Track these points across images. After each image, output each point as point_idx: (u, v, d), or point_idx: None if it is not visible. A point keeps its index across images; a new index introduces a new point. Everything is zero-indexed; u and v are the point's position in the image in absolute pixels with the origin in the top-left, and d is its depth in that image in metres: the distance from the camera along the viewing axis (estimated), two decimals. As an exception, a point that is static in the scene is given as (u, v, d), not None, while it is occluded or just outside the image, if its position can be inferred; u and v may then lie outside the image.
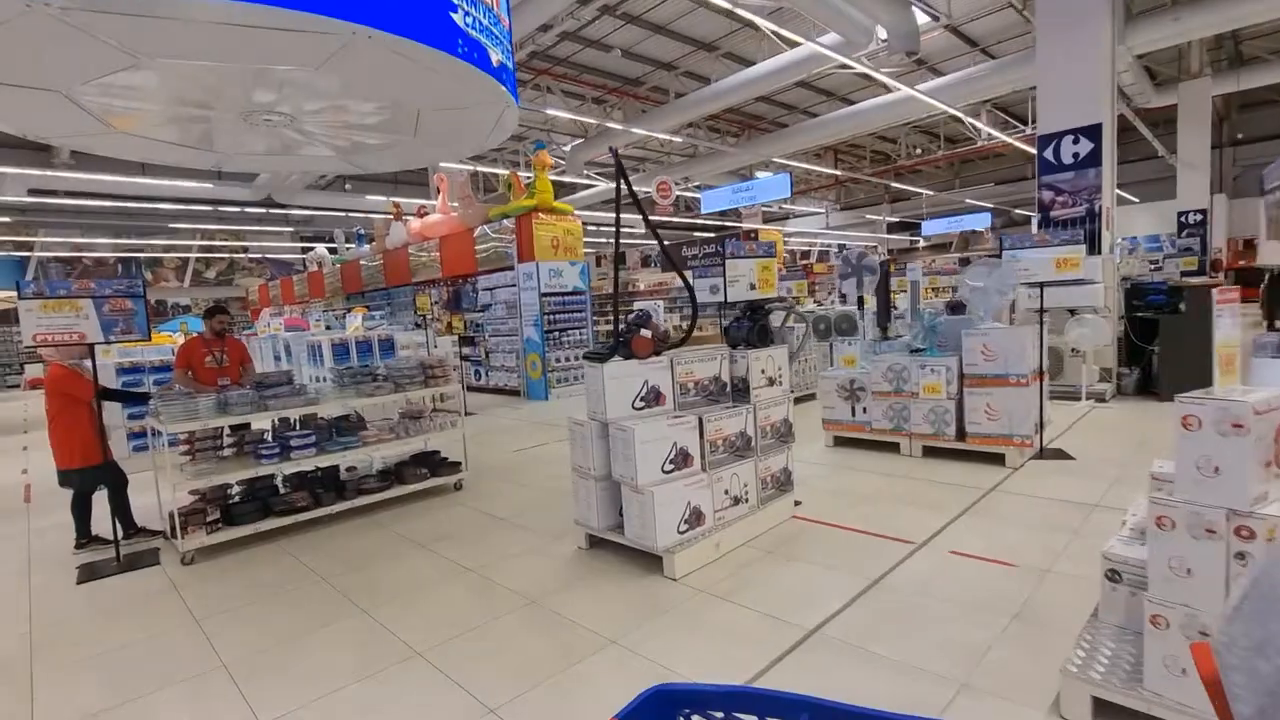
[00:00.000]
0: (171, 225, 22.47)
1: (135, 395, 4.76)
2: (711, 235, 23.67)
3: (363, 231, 17.15)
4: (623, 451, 3.69)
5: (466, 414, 8.62)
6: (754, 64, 12.61)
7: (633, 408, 3.81)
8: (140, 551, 4.54)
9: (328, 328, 10.97)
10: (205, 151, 5.96)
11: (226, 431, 5.09)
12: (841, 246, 27.94)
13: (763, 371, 4.23)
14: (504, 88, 4.37)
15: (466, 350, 12.43)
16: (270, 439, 4.79)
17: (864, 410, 6.09)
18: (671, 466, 3.75)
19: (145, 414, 5.18)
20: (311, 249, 20.25)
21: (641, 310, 5.36)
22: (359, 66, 3.88)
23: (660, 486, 3.61)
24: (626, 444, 3.64)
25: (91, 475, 4.54)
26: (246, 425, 4.99)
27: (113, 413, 6.68)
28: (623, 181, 3.99)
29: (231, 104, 4.72)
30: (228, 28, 3.25)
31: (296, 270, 27.99)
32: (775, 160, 19.17)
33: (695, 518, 3.76)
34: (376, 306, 14.58)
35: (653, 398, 3.89)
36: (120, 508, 4.63)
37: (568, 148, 18.14)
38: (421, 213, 13.61)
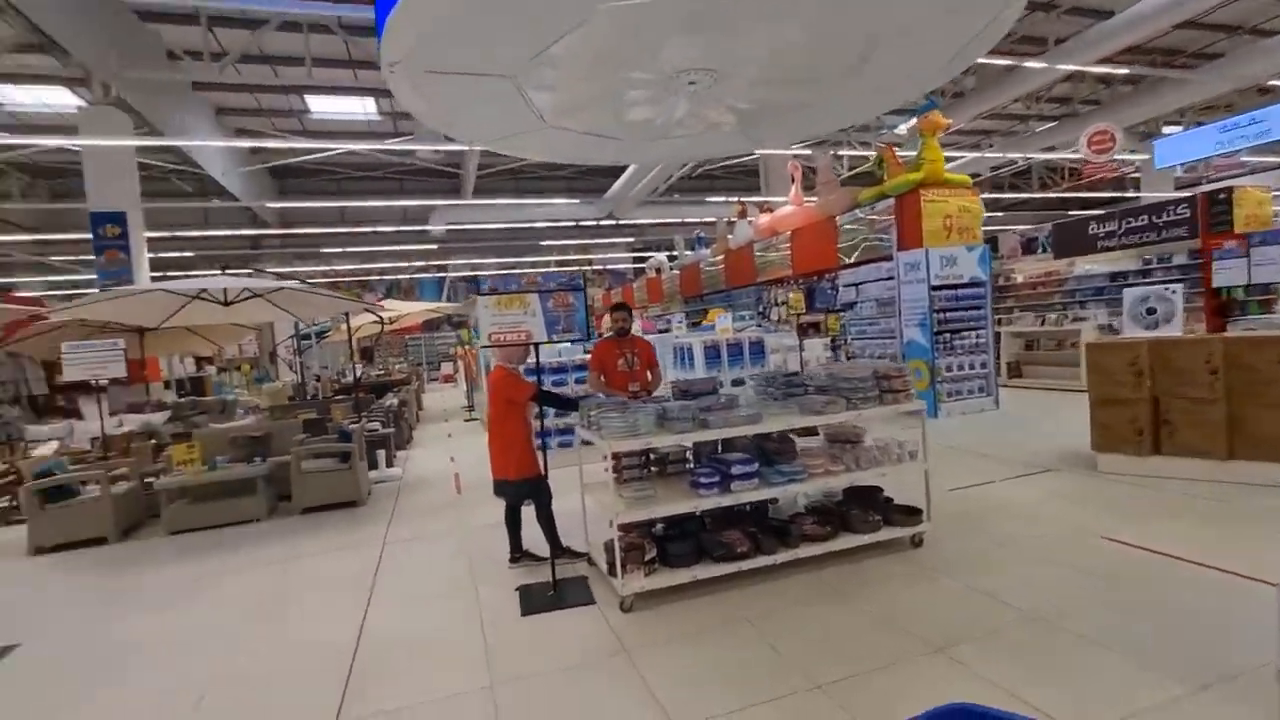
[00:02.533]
0: (542, 242, 25.83)
1: (567, 401, 4.24)
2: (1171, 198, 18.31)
3: (702, 235, 17.13)
4: None
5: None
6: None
7: None
8: (570, 580, 4.05)
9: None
10: (609, 141, 5.55)
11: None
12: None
13: None
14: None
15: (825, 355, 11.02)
16: (703, 463, 3.92)
17: None
18: None
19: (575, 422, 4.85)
20: (647, 257, 21.23)
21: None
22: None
23: None
24: None
25: (526, 488, 4.21)
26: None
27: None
28: None
29: (664, 63, 3.99)
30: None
31: (629, 279, 30.43)
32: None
33: None
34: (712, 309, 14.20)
35: None
36: (548, 526, 4.22)
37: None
38: (767, 209, 12.70)
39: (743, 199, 14.77)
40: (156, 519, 6.61)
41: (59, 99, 12.98)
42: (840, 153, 17.32)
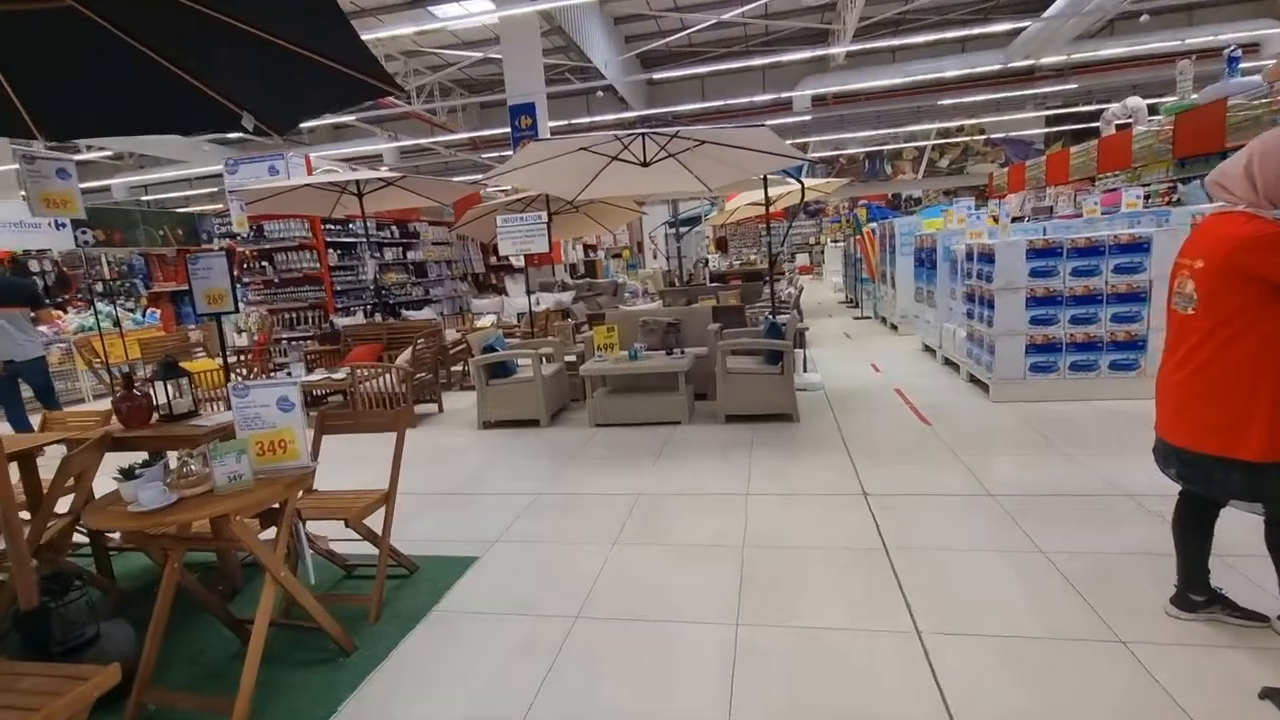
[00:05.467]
0: (938, 103, 21.07)
1: None
2: None
3: (1235, 55, 11.23)
4: None
5: None
6: None
7: None
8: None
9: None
10: None
11: None
12: None
13: None
14: None
15: None
16: None
17: None
18: None
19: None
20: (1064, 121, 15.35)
21: None
22: None
23: None
24: None
25: (1272, 479, 1.99)
26: None
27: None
28: None
29: None
30: None
31: (1036, 150, 23.68)
32: None
33: None
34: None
35: None
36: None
37: None
38: None
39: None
40: (576, 403, 6.34)
41: (480, 5, 14.08)
42: None
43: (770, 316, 5.71)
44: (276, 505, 2.13)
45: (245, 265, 9.14)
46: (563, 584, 2.86)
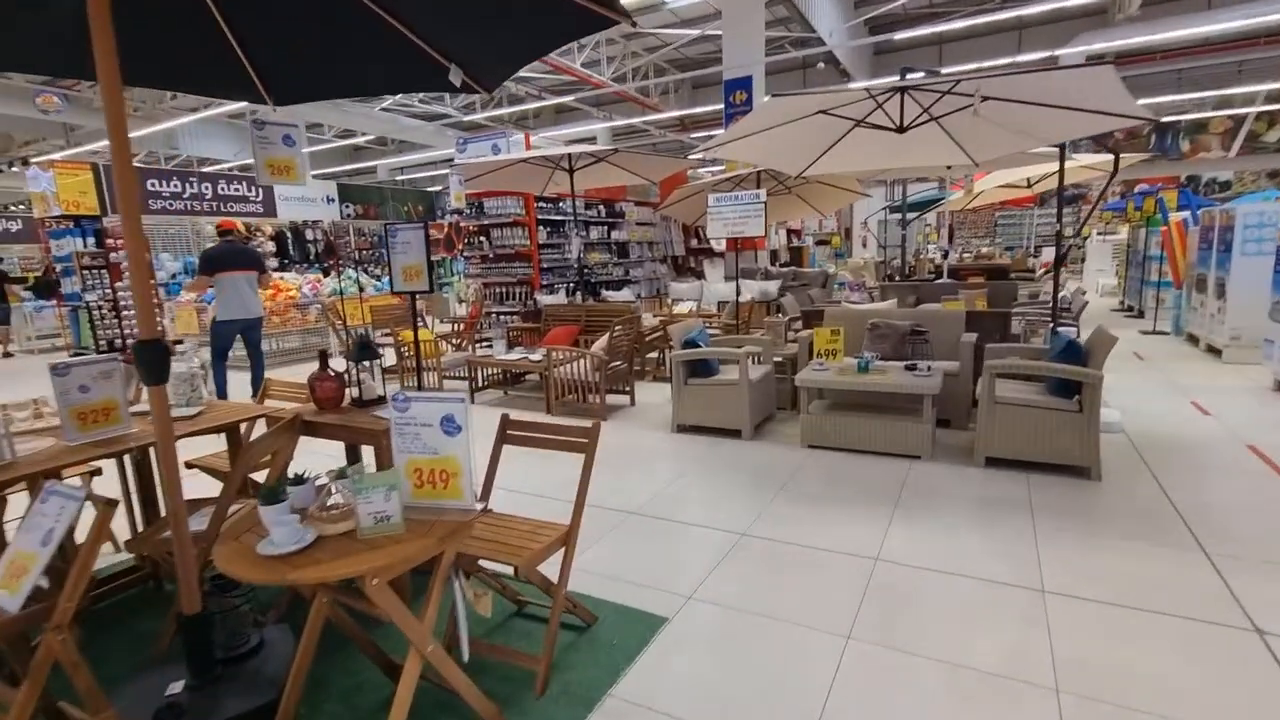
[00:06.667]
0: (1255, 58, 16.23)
1: None
2: None
3: None
4: None
5: None
6: None
7: None
8: None
9: None
10: None
11: None
12: None
13: None
14: None
15: None
16: None
17: None
18: None
19: None
20: None
21: None
22: None
23: None
24: None
25: None
26: None
27: None
28: None
29: None
30: None
31: None
32: None
33: None
34: None
35: None
36: None
37: None
38: None
39: None
40: (783, 412, 5.48)
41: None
42: None
43: (1056, 330, 4.31)
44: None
45: (467, 240, 9.58)
46: (782, 691, 2.09)
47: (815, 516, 3.40)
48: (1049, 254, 21.90)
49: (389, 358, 7.42)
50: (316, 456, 3.14)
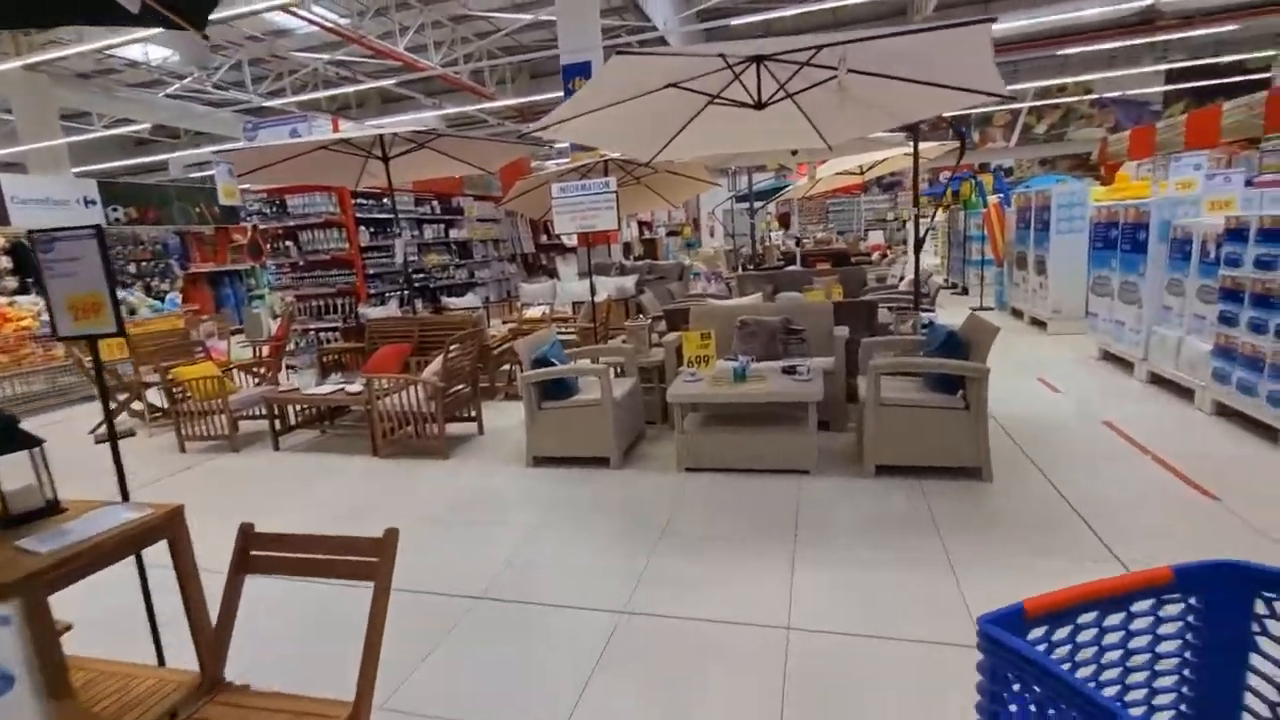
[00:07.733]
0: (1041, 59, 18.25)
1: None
2: None
3: None
4: None
5: None
6: None
7: None
8: None
9: None
10: None
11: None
12: None
13: None
14: None
15: None
16: None
17: None
18: None
19: None
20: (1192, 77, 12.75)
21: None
22: None
23: None
24: None
25: None
26: None
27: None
28: None
29: None
30: None
31: (1153, 112, 20.85)
32: None
33: None
34: None
35: None
36: None
37: None
38: None
39: None
40: (652, 427, 4.89)
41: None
42: None
43: (930, 319, 4.09)
44: None
45: (272, 245, 7.99)
46: None
47: (707, 572, 2.79)
48: (875, 237, 23.71)
49: (154, 398, 5.81)
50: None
